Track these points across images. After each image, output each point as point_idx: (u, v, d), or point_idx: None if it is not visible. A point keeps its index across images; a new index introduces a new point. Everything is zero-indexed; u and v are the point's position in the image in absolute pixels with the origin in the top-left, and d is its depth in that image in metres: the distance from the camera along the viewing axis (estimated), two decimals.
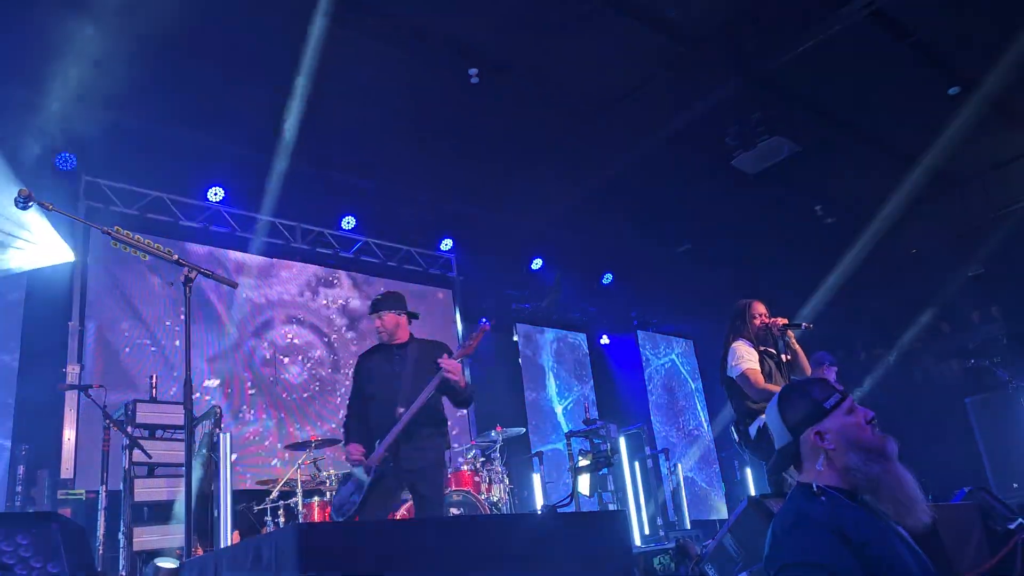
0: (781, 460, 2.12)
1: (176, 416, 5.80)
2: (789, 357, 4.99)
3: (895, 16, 7.31)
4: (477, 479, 6.78)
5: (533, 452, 9.51)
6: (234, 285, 3.46)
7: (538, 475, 9.22)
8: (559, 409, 11.05)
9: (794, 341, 5.05)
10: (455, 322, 10.52)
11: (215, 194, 8.42)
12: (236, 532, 6.02)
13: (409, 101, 7.79)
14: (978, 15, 7.38)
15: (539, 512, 7.39)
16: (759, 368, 4.70)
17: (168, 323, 7.87)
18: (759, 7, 7.16)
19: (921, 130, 9.22)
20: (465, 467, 6.84)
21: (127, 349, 7.56)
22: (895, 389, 11.85)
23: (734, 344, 4.86)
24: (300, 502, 6.26)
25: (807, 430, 2.03)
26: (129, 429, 5.71)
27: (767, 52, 7.46)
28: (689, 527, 9.92)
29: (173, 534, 5.56)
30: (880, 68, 7.99)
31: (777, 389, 4.54)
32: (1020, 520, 4.41)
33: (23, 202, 3.09)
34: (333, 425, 8.51)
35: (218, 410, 6.10)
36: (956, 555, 3.92)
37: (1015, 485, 8.32)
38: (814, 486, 1.96)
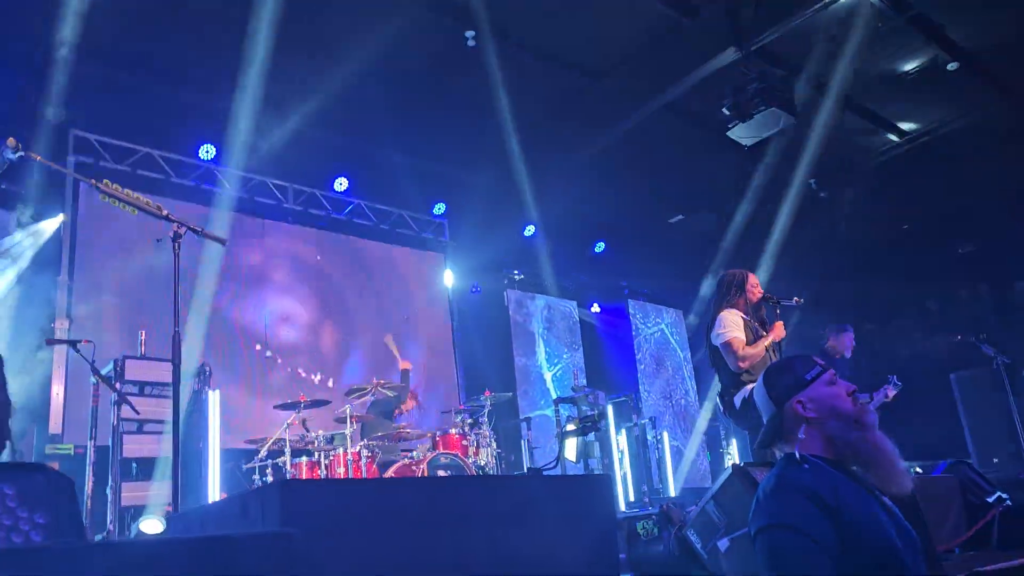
0: (769, 431, 2.20)
1: (165, 373, 5.79)
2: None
3: None
4: (465, 443, 6.83)
5: (521, 417, 9.57)
6: (223, 242, 3.44)
7: (525, 440, 9.30)
8: (548, 376, 11.11)
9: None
10: (446, 287, 10.53)
11: (207, 152, 8.34)
12: (224, 494, 6.04)
13: (405, 62, 7.71)
14: None
15: (524, 474, 7.46)
16: (744, 338, 4.69)
17: (157, 279, 7.84)
18: None
19: (917, 105, 9.21)
20: (453, 430, 6.88)
21: (117, 304, 7.54)
22: (883, 363, 11.96)
23: (723, 313, 4.84)
24: (288, 461, 6.29)
25: (790, 400, 2.09)
26: (118, 385, 5.71)
27: (765, 22, 7.40)
28: (674, 494, 10.04)
29: (161, 491, 5.60)
30: (877, 41, 7.93)
31: (756, 354, 4.58)
32: (998, 493, 4.49)
33: (12, 152, 3.05)
34: (321, 384, 8.54)
35: (207, 368, 6.11)
36: (935, 525, 3.98)
37: (995, 460, 8.44)
38: (797, 454, 2.02)
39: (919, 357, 11.65)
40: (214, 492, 5.73)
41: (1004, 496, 4.50)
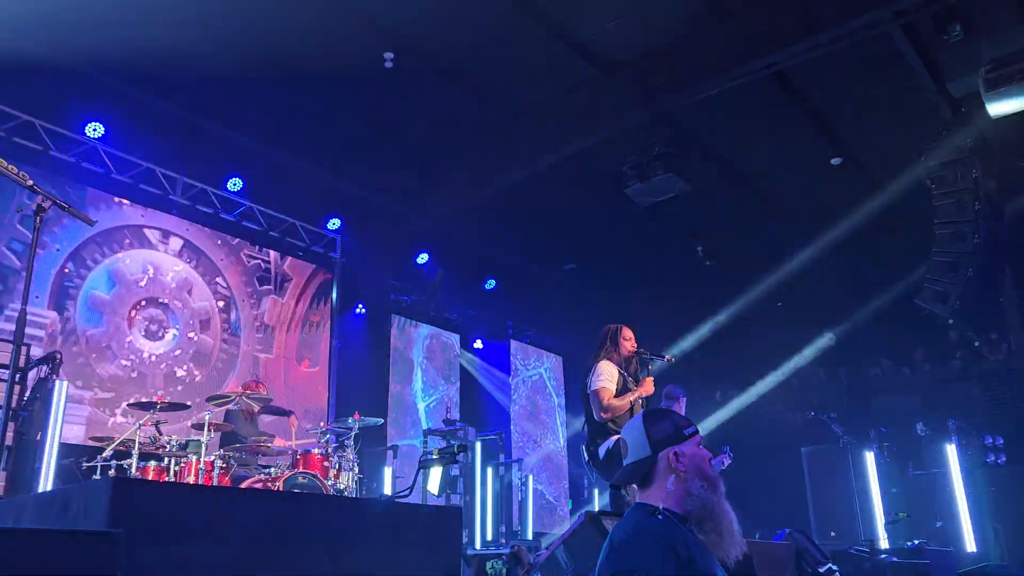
0: (633, 472, 2.24)
1: (5, 355, 5.38)
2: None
3: (796, 80, 7.74)
4: (326, 464, 6.60)
5: (389, 445, 9.41)
6: (90, 223, 3.25)
7: (390, 468, 9.14)
8: (422, 406, 11.01)
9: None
10: (332, 303, 10.32)
11: (94, 129, 7.91)
12: None
13: (318, 72, 7.60)
14: (871, 93, 7.90)
15: (375, 499, 7.32)
16: (614, 389, 4.81)
17: (13, 253, 7.34)
18: (674, 48, 7.43)
19: (800, 192, 9.78)
20: (316, 450, 6.65)
21: None
22: (744, 431, 12.50)
23: (601, 363, 4.96)
24: (135, 464, 5.91)
25: (667, 449, 2.16)
26: None
27: (675, 91, 7.72)
28: (531, 537, 10.07)
29: None
30: (774, 126, 8.42)
31: (620, 407, 4.70)
32: (829, 565, 4.74)
33: None
34: (182, 389, 8.17)
35: (58, 355, 5.72)
36: None
37: (832, 534, 8.90)
38: (661, 507, 2.08)
39: (778, 427, 12.25)
40: (46, 487, 5.32)
41: (835, 568, 4.75)
